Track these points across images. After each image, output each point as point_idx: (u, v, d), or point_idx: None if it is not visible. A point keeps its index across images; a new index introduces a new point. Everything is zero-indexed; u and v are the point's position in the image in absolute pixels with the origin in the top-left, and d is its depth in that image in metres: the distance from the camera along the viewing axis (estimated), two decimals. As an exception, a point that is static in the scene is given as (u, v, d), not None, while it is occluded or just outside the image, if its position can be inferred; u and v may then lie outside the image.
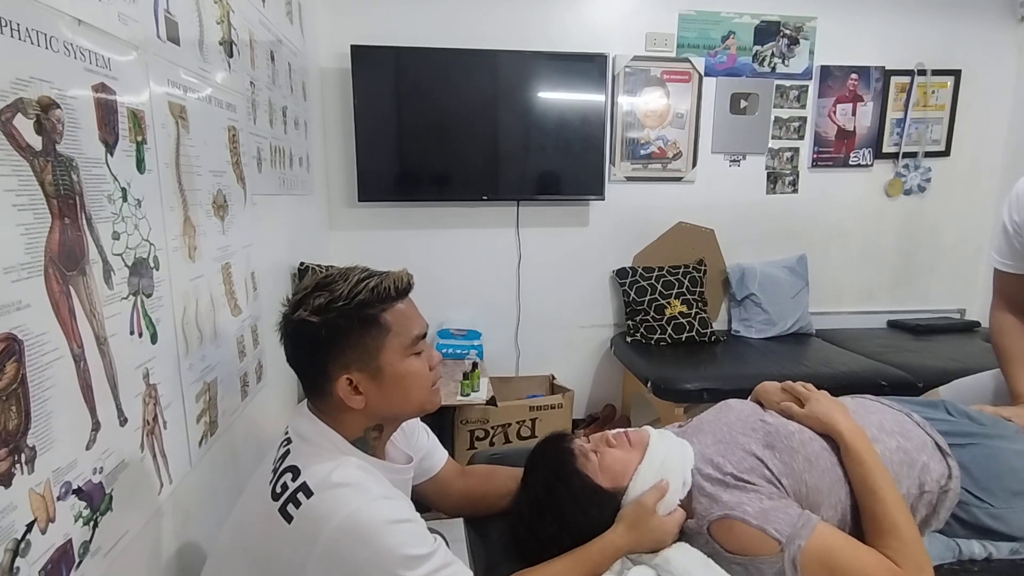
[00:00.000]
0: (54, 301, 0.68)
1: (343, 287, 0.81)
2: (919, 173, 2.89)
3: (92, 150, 0.77)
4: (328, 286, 0.81)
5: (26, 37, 0.65)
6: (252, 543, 0.80)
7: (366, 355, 0.81)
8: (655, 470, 0.94)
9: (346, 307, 0.80)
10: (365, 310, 0.81)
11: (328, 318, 0.79)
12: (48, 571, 0.66)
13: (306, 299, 0.81)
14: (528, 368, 2.79)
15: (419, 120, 2.48)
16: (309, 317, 0.79)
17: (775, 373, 2.14)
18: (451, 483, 1.09)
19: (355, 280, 0.81)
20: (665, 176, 2.74)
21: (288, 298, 0.85)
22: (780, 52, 2.71)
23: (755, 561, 0.83)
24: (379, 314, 0.82)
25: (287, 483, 0.77)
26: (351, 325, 0.80)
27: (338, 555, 0.72)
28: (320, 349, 0.81)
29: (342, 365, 0.81)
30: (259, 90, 1.55)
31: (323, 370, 0.82)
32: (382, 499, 0.76)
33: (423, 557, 0.74)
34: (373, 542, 0.72)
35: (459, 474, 1.12)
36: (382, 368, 0.82)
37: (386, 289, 0.82)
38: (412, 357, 0.85)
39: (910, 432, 0.99)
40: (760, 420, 1.00)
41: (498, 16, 2.52)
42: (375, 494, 0.76)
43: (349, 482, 0.76)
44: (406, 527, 0.75)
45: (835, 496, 0.91)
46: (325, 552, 0.72)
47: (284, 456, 0.82)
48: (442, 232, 2.65)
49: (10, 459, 0.61)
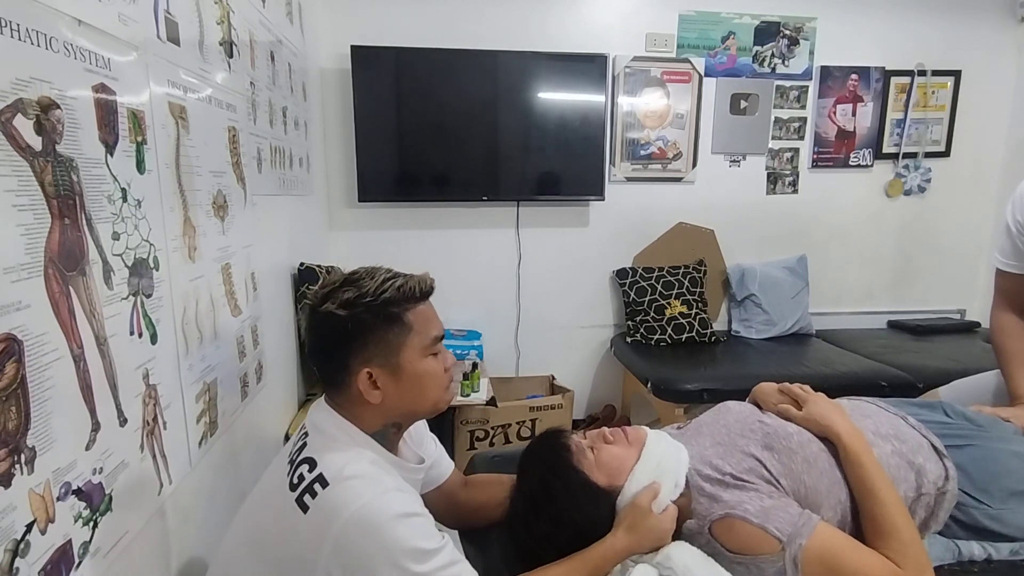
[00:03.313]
0: (54, 301, 0.68)
1: (370, 284, 0.83)
2: (919, 173, 2.89)
3: (92, 150, 0.77)
4: (356, 282, 0.84)
5: (26, 37, 0.65)
6: (266, 539, 0.81)
7: (387, 351, 0.84)
8: (651, 470, 0.94)
9: (372, 303, 0.82)
10: (390, 308, 0.83)
11: (355, 312, 0.81)
12: (48, 571, 0.66)
13: (334, 293, 0.83)
14: (528, 368, 2.79)
15: (419, 120, 2.48)
16: (337, 310, 0.81)
17: (775, 374, 2.14)
18: (456, 493, 1.09)
19: (381, 279, 0.84)
20: (665, 176, 2.74)
21: (314, 291, 0.87)
22: (780, 52, 2.71)
23: (756, 560, 0.83)
24: (402, 313, 0.84)
25: (304, 474, 0.78)
26: (376, 321, 0.83)
27: (349, 546, 0.73)
28: (344, 342, 0.83)
29: (363, 359, 0.83)
30: (259, 90, 1.55)
31: (344, 363, 0.84)
32: (394, 492, 0.78)
33: (432, 552, 0.75)
34: (384, 534, 0.73)
35: (463, 484, 1.12)
36: (401, 365, 0.84)
37: (411, 289, 0.85)
38: (430, 357, 0.88)
39: (905, 435, 0.99)
40: (759, 421, 1.00)
41: (498, 16, 2.52)
42: (387, 487, 0.78)
43: (362, 475, 0.77)
44: (416, 521, 0.77)
45: (834, 497, 0.91)
46: (336, 543, 0.73)
47: (301, 448, 0.83)
48: (442, 232, 2.65)
49: (10, 459, 0.61)
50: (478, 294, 2.71)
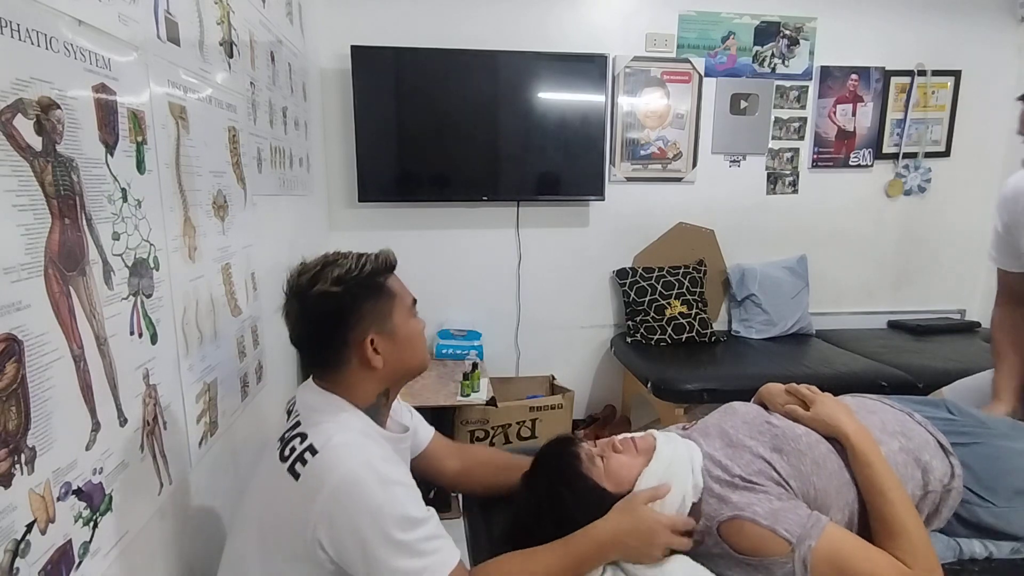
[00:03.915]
0: (54, 301, 0.68)
1: (350, 261, 0.89)
2: (919, 174, 2.89)
3: (92, 150, 0.77)
4: (335, 263, 0.89)
5: (26, 38, 0.65)
6: (264, 511, 0.84)
7: (382, 318, 0.90)
8: (661, 473, 0.94)
9: (360, 276, 0.88)
10: (375, 278, 0.90)
11: (348, 287, 0.87)
12: (48, 571, 0.66)
13: (319, 275, 0.87)
14: (528, 368, 2.79)
15: (419, 120, 2.48)
16: (330, 288, 0.85)
17: (775, 374, 2.14)
18: (443, 459, 1.14)
19: (356, 257, 0.90)
20: (665, 177, 2.74)
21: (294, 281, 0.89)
22: (780, 53, 2.71)
23: (765, 562, 0.83)
24: (384, 282, 0.92)
25: (295, 446, 0.82)
26: (367, 292, 0.89)
27: (338, 510, 0.75)
28: (342, 318, 0.87)
29: (363, 329, 0.88)
30: (259, 90, 1.55)
31: (344, 339, 0.88)
32: (382, 460, 0.81)
33: (418, 520, 0.78)
34: (371, 499, 0.76)
35: (454, 451, 1.17)
36: (395, 328, 0.91)
37: (384, 261, 0.93)
38: (413, 319, 0.96)
39: (912, 431, 0.99)
40: (766, 423, 1.00)
41: (498, 16, 2.52)
42: (376, 455, 0.81)
43: (351, 442, 0.81)
44: (403, 490, 0.80)
45: (843, 499, 0.91)
46: (326, 506, 0.75)
47: (293, 427, 0.86)
48: (442, 232, 2.65)
49: (10, 459, 0.61)
50: (478, 294, 2.71)
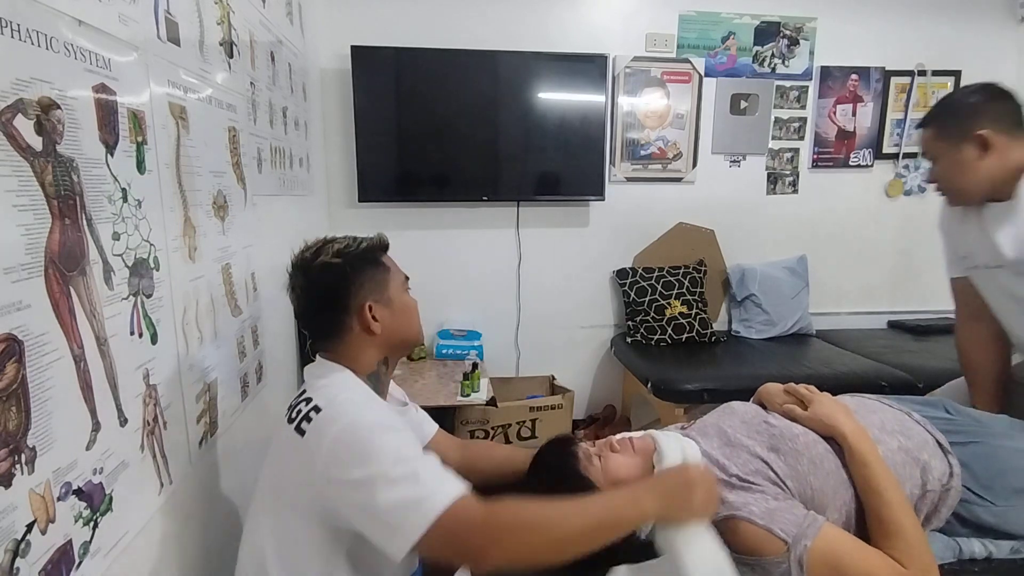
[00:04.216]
0: (54, 302, 0.68)
1: (347, 240, 0.99)
2: (919, 174, 2.89)
3: (92, 151, 0.77)
4: (334, 240, 0.99)
5: (27, 38, 0.65)
6: (275, 474, 0.90)
7: (379, 288, 0.99)
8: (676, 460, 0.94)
9: (358, 250, 0.98)
10: (372, 253, 1.00)
11: (348, 258, 0.96)
12: (48, 571, 0.66)
13: (322, 250, 0.97)
14: (528, 369, 2.79)
15: (419, 120, 2.48)
16: (332, 259, 0.95)
17: (775, 374, 2.14)
18: (445, 453, 1.15)
19: (353, 237, 1.01)
20: (665, 177, 2.74)
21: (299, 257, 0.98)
22: (780, 53, 2.71)
23: (761, 561, 0.83)
24: (380, 258, 1.02)
25: (301, 408, 0.88)
26: (365, 263, 0.99)
27: (339, 450, 0.80)
28: (343, 286, 0.96)
29: (362, 296, 0.97)
30: (259, 91, 1.55)
31: (345, 305, 0.96)
32: (381, 412, 0.89)
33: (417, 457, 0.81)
34: (370, 441, 0.80)
35: (456, 445, 1.24)
36: (392, 298, 1.00)
37: (378, 240, 1.02)
38: (407, 294, 1.05)
39: (911, 431, 0.99)
40: (764, 422, 1.00)
41: (498, 16, 2.52)
42: (376, 409, 0.90)
43: (353, 399, 0.88)
44: (402, 435, 0.84)
45: (840, 498, 0.91)
46: (328, 453, 0.80)
47: (300, 394, 0.92)
48: (442, 233, 2.65)
49: (10, 459, 0.61)
50: (478, 294, 2.71)
